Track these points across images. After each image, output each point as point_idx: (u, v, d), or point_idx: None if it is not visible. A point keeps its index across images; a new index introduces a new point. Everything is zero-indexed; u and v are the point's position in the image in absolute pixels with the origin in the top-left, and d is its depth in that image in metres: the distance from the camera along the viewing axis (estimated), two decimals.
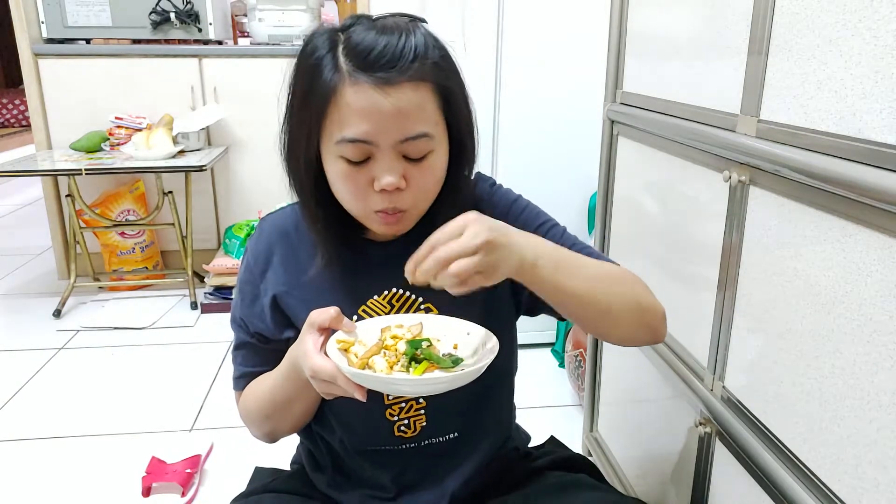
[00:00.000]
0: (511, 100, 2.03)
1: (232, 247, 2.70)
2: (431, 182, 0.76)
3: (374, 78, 0.68)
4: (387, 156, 0.71)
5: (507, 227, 0.68)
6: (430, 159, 0.74)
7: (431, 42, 0.72)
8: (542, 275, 0.69)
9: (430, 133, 0.72)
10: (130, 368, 2.17)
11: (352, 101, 0.69)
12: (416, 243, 0.69)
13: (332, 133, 0.71)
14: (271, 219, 0.89)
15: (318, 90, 0.71)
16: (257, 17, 2.82)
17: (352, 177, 0.73)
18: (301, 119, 0.75)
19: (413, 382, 0.68)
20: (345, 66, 0.69)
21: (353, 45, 0.70)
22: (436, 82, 0.72)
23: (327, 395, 0.72)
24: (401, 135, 0.70)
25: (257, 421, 0.88)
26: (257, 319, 0.85)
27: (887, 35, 0.59)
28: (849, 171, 0.63)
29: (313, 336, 0.72)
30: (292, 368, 0.78)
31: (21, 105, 7.09)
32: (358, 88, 0.69)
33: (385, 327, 0.77)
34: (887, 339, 0.60)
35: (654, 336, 0.81)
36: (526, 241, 0.69)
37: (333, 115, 0.71)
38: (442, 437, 0.87)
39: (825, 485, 0.70)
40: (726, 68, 0.86)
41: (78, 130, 2.68)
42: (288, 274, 0.84)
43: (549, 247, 0.72)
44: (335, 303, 0.82)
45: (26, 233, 3.68)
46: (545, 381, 2.05)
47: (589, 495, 0.84)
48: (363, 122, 0.69)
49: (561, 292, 0.72)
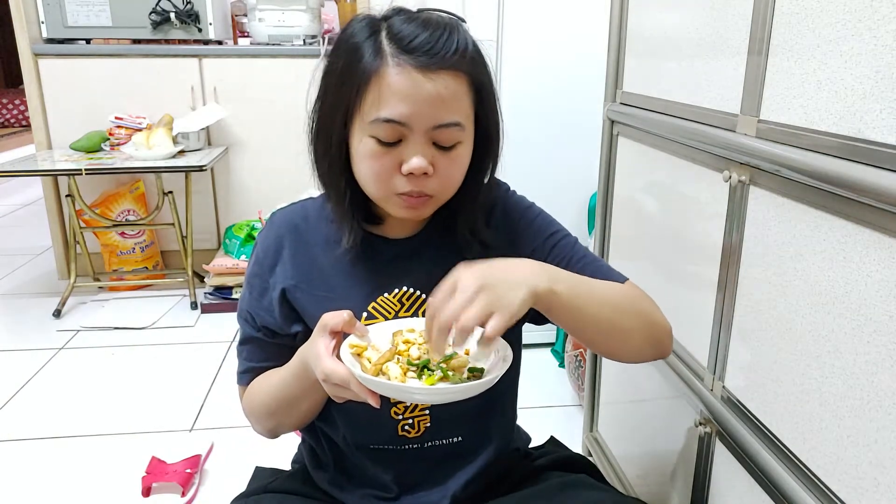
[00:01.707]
0: (511, 100, 2.03)
1: (232, 247, 2.70)
2: (457, 172, 0.77)
3: (418, 61, 0.70)
4: (419, 140, 0.72)
5: (502, 262, 0.69)
6: (459, 150, 0.75)
7: (470, 39, 0.75)
8: (561, 300, 0.70)
9: (462, 123, 0.74)
10: (130, 368, 2.17)
11: (394, 81, 0.70)
12: (428, 242, 0.70)
13: (367, 113, 0.72)
14: (282, 213, 0.89)
15: (358, 70, 0.72)
16: (257, 17, 2.82)
17: (380, 158, 0.73)
18: (337, 98, 0.75)
19: (426, 392, 0.68)
20: (388, 49, 0.71)
21: (396, 32, 0.72)
22: (472, 76, 0.74)
23: (338, 398, 0.71)
24: (436, 120, 0.72)
25: (261, 416, 0.88)
26: (265, 313, 0.85)
27: (887, 35, 0.59)
28: (849, 171, 0.63)
29: (325, 339, 0.71)
30: (302, 368, 0.78)
31: (21, 105, 7.09)
32: (401, 70, 0.70)
33: (397, 331, 0.77)
34: (887, 339, 0.60)
35: (660, 352, 0.82)
36: (531, 269, 0.70)
37: (372, 94, 0.71)
38: (445, 439, 0.87)
39: (825, 485, 0.70)
40: (726, 68, 0.86)
41: (78, 130, 2.68)
42: (297, 268, 0.84)
43: (564, 272, 0.74)
44: (345, 298, 0.82)
45: (26, 233, 3.68)
46: (545, 381, 2.05)
47: (589, 495, 0.84)
48: (402, 103, 0.70)
49: (579, 316, 0.73)
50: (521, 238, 0.86)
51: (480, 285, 0.64)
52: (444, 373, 0.70)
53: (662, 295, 1.13)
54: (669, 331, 0.82)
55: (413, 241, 0.85)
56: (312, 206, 0.88)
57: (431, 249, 0.85)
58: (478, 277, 0.65)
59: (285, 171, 2.75)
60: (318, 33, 2.91)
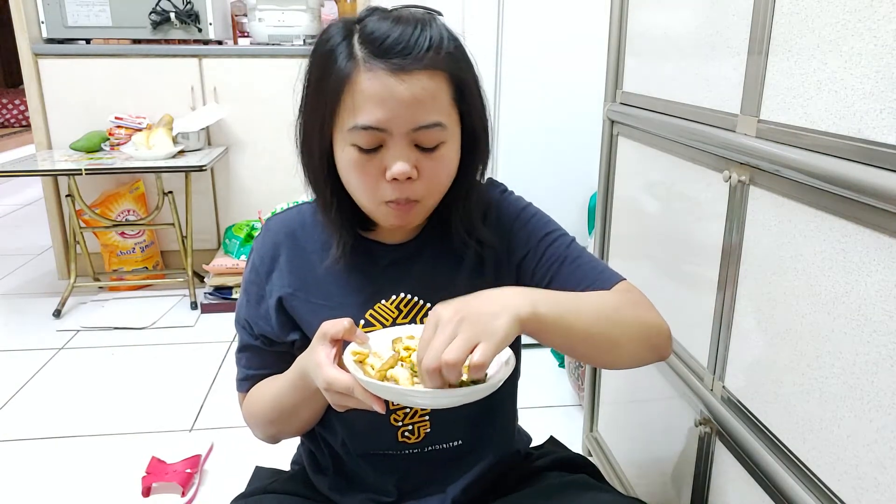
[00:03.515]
0: (511, 100, 2.03)
1: (232, 247, 2.70)
2: (443, 173, 0.75)
3: (389, 64, 0.68)
4: (399, 144, 0.70)
5: (482, 294, 0.66)
6: (443, 150, 0.73)
7: (447, 34, 0.72)
8: (547, 322, 0.67)
9: (443, 123, 0.71)
10: (130, 368, 2.17)
11: (366, 87, 0.69)
12: (425, 245, 0.69)
13: (345, 121, 0.71)
14: (278, 219, 0.87)
15: (333, 78, 0.70)
16: (257, 17, 2.82)
17: (363, 166, 0.72)
18: (315, 108, 0.74)
19: (432, 396, 0.66)
20: (360, 53, 0.69)
21: (368, 33, 0.70)
22: (450, 73, 0.72)
23: (340, 406, 0.70)
24: (414, 123, 0.70)
25: (261, 424, 0.87)
26: (262, 321, 0.84)
27: (887, 35, 0.59)
28: (849, 171, 0.62)
29: (325, 347, 0.70)
30: (301, 378, 0.77)
31: (21, 105, 7.08)
32: (373, 75, 0.68)
33: (396, 339, 0.76)
34: (887, 339, 0.60)
35: (659, 356, 0.79)
36: (512, 294, 0.67)
37: (347, 103, 0.70)
38: (446, 444, 0.86)
39: (825, 485, 0.70)
40: (726, 68, 0.86)
41: (78, 130, 2.68)
42: (294, 276, 0.83)
43: (548, 293, 0.71)
44: (342, 306, 0.80)
45: (26, 233, 3.68)
46: (545, 381, 2.05)
47: (589, 496, 0.84)
48: (377, 108, 0.69)
49: (568, 334, 0.70)
50: (516, 240, 0.85)
51: (461, 318, 0.61)
52: None
53: (662, 295, 1.13)
54: (667, 332, 0.79)
55: (409, 246, 0.84)
56: (308, 210, 0.86)
57: (428, 253, 0.84)
58: (457, 311, 0.62)
59: (285, 171, 2.74)
60: (318, 33, 2.91)
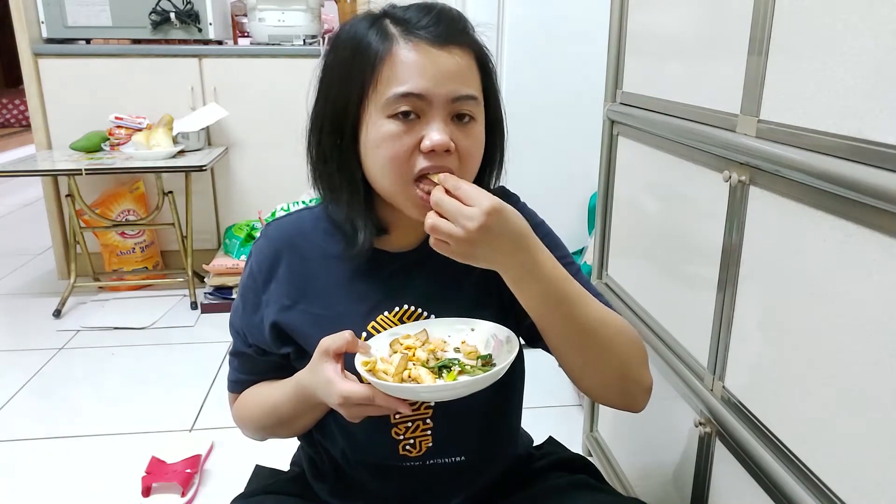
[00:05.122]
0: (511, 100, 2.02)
1: (232, 247, 2.70)
2: (476, 150, 0.76)
3: (431, 34, 0.70)
4: (438, 115, 0.71)
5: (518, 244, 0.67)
6: (475, 127, 0.74)
7: (469, 22, 0.76)
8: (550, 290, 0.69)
9: (477, 97, 0.74)
10: (130, 368, 2.17)
11: (407, 57, 0.70)
12: (430, 253, 0.68)
13: (382, 92, 0.71)
14: (278, 225, 0.85)
15: (366, 58, 0.71)
16: (257, 17, 2.82)
17: (399, 138, 0.71)
18: (344, 88, 0.74)
19: (452, 387, 0.69)
20: (396, 31, 0.71)
21: (401, 16, 0.72)
22: (479, 54, 0.75)
23: (356, 418, 0.70)
24: (455, 92, 0.71)
25: (252, 428, 0.87)
26: (256, 331, 0.83)
27: (887, 35, 0.59)
28: (849, 171, 0.62)
29: (331, 363, 0.70)
30: (303, 394, 0.76)
31: (21, 105, 7.08)
32: (413, 45, 0.70)
33: (393, 341, 0.76)
34: (887, 339, 0.60)
35: (631, 404, 0.78)
36: (544, 264, 0.69)
37: (384, 74, 0.71)
38: (448, 458, 0.85)
39: (825, 485, 0.70)
40: (726, 68, 0.86)
41: (78, 130, 2.68)
42: (293, 286, 0.81)
43: (570, 281, 0.72)
44: (344, 316, 0.79)
45: (26, 233, 3.68)
46: (545, 381, 2.05)
47: (589, 497, 0.84)
48: (419, 76, 0.70)
49: (570, 322, 0.71)
50: None
51: (480, 226, 0.64)
52: (462, 367, 0.72)
53: (662, 295, 1.13)
54: (649, 386, 0.78)
55: (414, 254, 0.82)
56: (309, 217, 0.84)
57: (433, 262, 0.81)
58: (479, 231, 0.64)
59: (285, 171, 2.75)
60: (318, 33, 2.91)
